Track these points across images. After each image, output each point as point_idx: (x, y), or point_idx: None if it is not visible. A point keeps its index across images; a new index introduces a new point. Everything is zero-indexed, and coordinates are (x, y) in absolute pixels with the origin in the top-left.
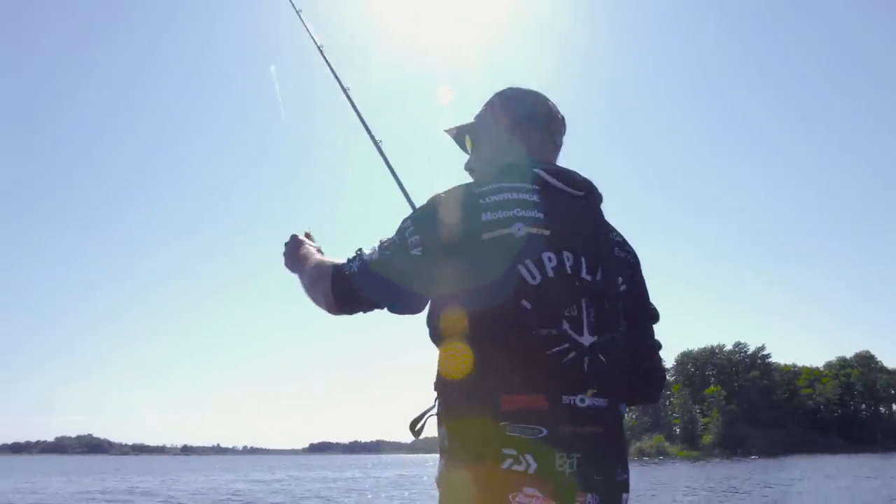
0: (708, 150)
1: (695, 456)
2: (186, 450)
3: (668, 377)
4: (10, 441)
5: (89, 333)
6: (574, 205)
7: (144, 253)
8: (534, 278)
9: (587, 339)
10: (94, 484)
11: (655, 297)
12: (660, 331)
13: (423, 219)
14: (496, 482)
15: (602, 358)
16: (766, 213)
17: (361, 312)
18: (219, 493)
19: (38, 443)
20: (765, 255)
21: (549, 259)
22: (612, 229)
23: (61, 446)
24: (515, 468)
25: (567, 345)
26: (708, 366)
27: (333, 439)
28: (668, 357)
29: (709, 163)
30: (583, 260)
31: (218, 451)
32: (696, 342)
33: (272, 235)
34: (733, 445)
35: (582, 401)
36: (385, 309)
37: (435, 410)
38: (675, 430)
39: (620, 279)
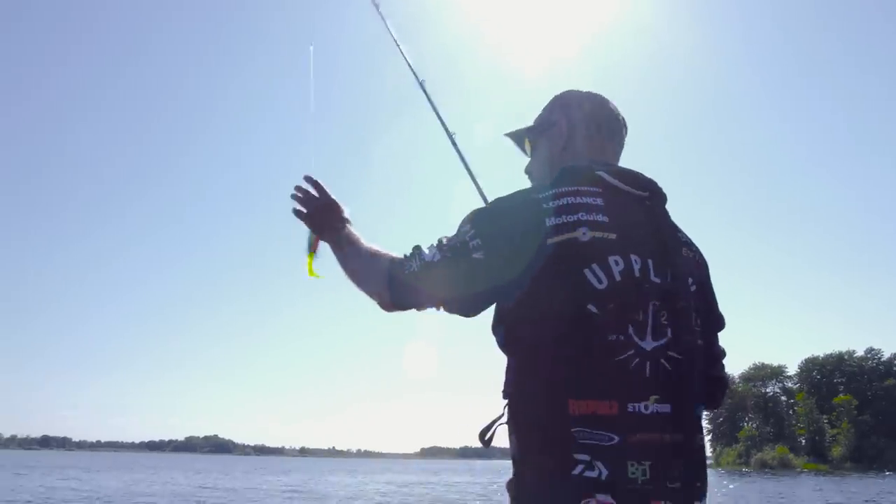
0: (826, 148)
1: (823, 469)
2: (304, 451)
3: (792, 385)
4: (146, 439)
5: (217, 343)
6: (638, 206)
7: (259, 265)
8: (601, 283)
9: (649, 344)
10: (260, 482)
11: (781, 301)
12: (783, 335)
13: (484, 221)
14: (568, 488)
15: (665, 363)
16: None
17: (415, 311)
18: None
19: (170, 441)
20: None
21: (617, 263)
22: (679, 229)
23: (191, 445)
24: (588, 474)
25: (632, 351)
26: (836, 373)
27: (444, 444)
28: (792, 363)
29: (830, 161)
30: (650, 262)
31: (333, 453)
32: (822, 348)
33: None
34: (867, 459)
35: (646, 408)
36: (440, 310)
37: (504, 419)
38: (801, 441)
39: (690, 280)
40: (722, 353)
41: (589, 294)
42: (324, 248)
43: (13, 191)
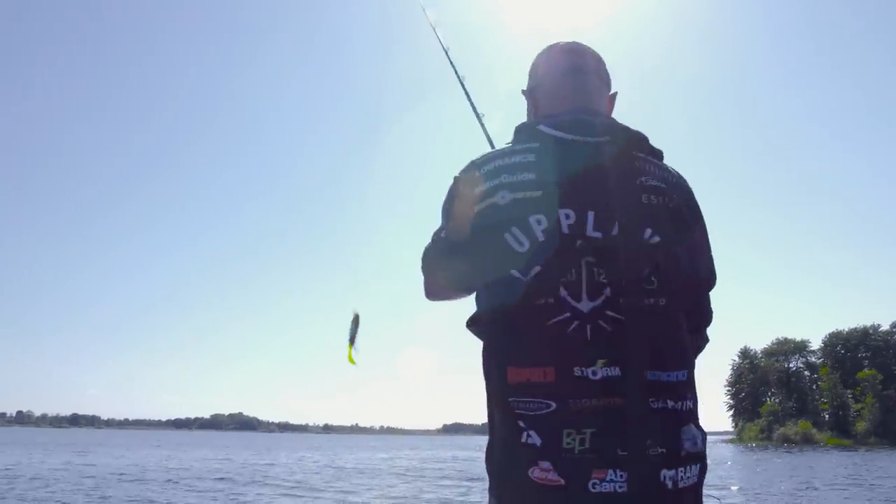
0: (850, 123)
1: (847, 444)
2: (327, 428)
3: (815, 360)
4: (173, 417)
5: (241, 322)
6: (585, 155)
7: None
8: (521, 245)
9: (585, 305)
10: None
11: (805, 276)
12: (806, 309)
13: (446, 198)
14: (517, 455)
15: (604, 324)
16: None
17: (447, 300)
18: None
19: (196, 419)
20: None
21: (539, 222)
22: (645, 173)
23: (216, 423)
24: (530, 442)
25: (568, 314)
26: (860, 348)
27: (467, 420)
28: (816, 338)
29: (855, 135)
30: (590, 215)
31: (356, 430)
32: (847, 322)
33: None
34: (891, 434)
35: (594, 373)
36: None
37: None
38: (824, 417)
39: (649, 230)
40: (705, 317)
41: (511, 258)
42: (360, 338)
43: (42, 164)
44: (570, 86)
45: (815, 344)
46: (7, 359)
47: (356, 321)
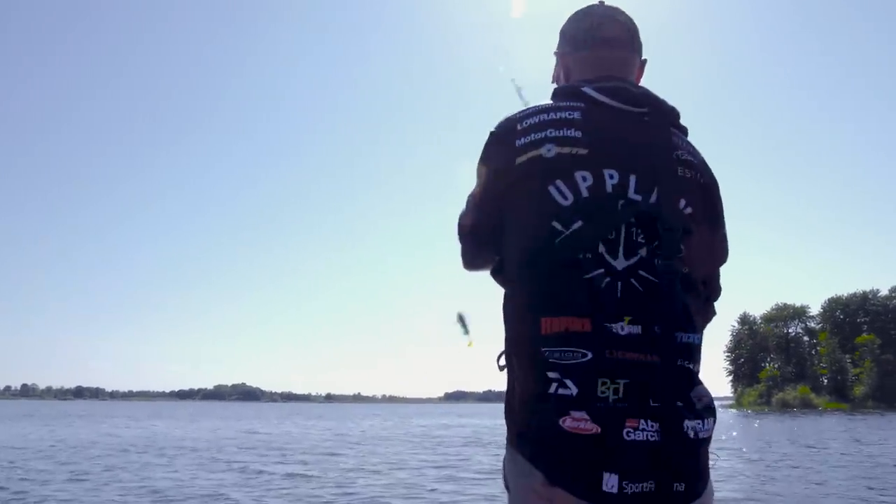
0: (849, 88)
1: (844, 408)
2: (330, 398)
3: (814, 325)
4: (176, 388)
5: (243, 293)
6: (628, 121)
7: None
8: (565, 199)
9: (621, 263)
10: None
11: (803, 241)
12: (806, 275)
13: (483, 153)
14: (546, 408)
15: (635, 283)
16: None
17: (482, 267)
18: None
19: (199, 390)
20: None
21: (584, 178)
22: (680, 147)
23: (219, 393)
24: (561, 392)
25: (602, 269)
26: (859, 312)
27: (468, 388)
28: (815, 304)
29: (854, 100)
30: (632, 178)
31: (359, 399)
32: (846, 287)
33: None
34: (890, 398)
35: (622, 328)
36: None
37: None
38: (823, 381)
39: (683, 201)
40: (715, 290)
41: (553, 210)
42: (472, 319)
43: (42, 143)
44: (609, 55)
45: (815, 309)
46: (11, 332)
47: (461, 318)
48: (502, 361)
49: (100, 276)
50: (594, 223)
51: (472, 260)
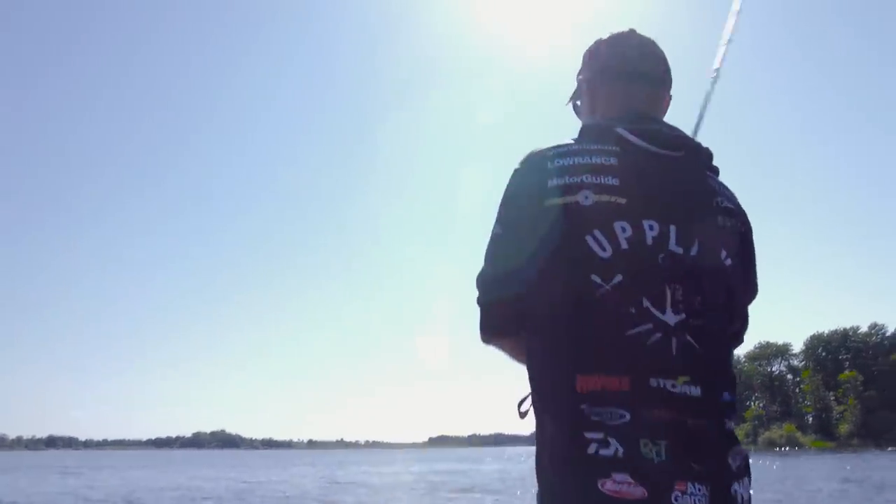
0: (827, 122)
1: (830, 446)
2: (312, 444)
3: (797, 363)
4: (153, 436)
5: (221, 337)
6: (664, 167)
7: (265, 254)
8: (604, 251)
9: (671, 318)
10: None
11: (784, 278)
12: (787, 312)
13: (504, 192)
14: (583, 469)
15: (692, 341)
16: None
17: (509, 331)
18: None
19: (177, 438)
20: None
21: (623, 229)
22: (719, 193)
23: (198, 441)
24: (602, 453)
25: (651, 324)
26: (841, 350)
27: (452, 432)
28: (797, 341)
29: (831, 134)
30: (672, 230)
31: (342, 444)
32: (827, 324)
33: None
34: (874, 435)
35: (673, 386)
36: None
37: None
38: (808, 419)
39: (724, 253)
40: (742, 330)
41: (592, 263)
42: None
43: (14, 187)
44: (642, 92)
45: (797, 347)
46: None
47: None
48: (524, 407)
49: (71, 320)
50: (636, 277)
51: (499, 322)
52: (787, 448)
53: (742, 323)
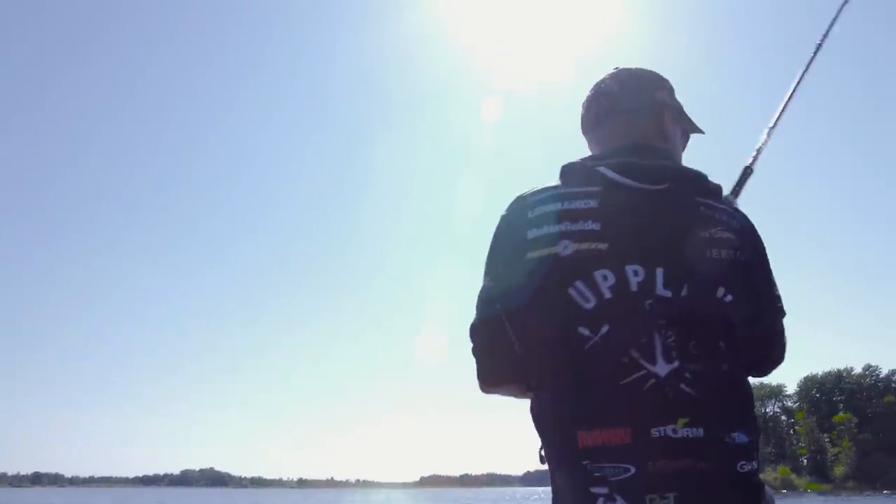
0: (820, 164)
1: (826, 489)
2: (302, 483)
3: (791, 404)
4: (140, 474)
5: (211, 374)
6: (648, 204)
7: (252, 296)
8: (587, 302)
9: (662, 368)
10: None
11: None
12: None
13: (492, 238)
14: None
15: (687, 388)
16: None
17: (507, 378)
18: None
19: (165, 475)
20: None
21: (605, 278)
22: (714, 223)
23: (187, 479)
24: None
25: (643, 372)
26: (835, 391)
27: (444, 472)
28: (791, 382)
29: (824, 175)
30: (659, 273)
31: (332, 484)
32: (821, 366)
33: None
34: (870, 478)
35: (674, 431)
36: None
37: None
38: (802, 462)
39: (722, 289)
40: (763, 358)
41: (577, 315)
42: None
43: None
44: (613, 126)
45: (791, 388)
46: None
47: None
48: (544, 451)
49: (59, 356)
50: (622, 327)
51: (495, 372)
52: (783, 491)
53: (761, 348)
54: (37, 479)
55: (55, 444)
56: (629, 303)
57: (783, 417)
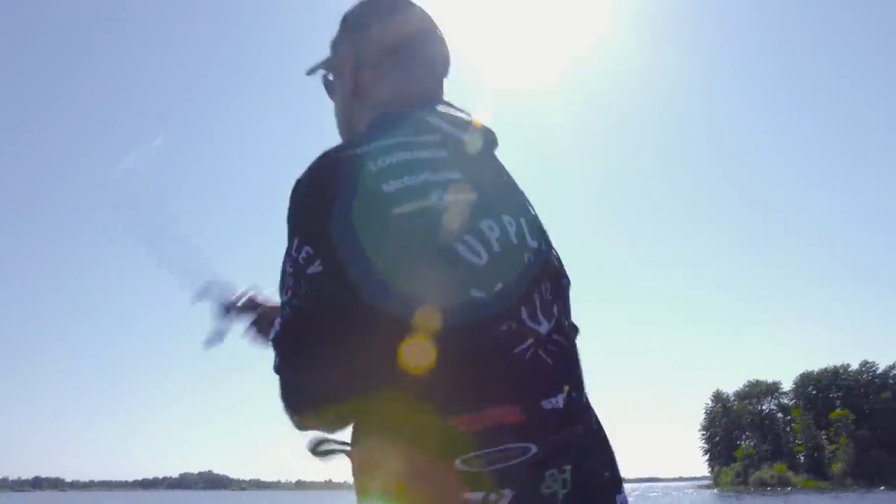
0: (817, 162)
1: (823, 486)
2: (300, 484)
3: (788, 401)
4: (139, 477)
5: (206, 377)
6: (482, 157)
7: None
8: (479, 257)
9: (543, 327)
10: None
11: (773, 316)
12: (776, 350)
13: (300, 217)
14: None
15: (558, 348)
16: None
17: (328, 419)
18: None
19: (164, 479)
20: (889, 266)
21: (491, 228)
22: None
23: (185, 482)
24: None
25: (531, 339)
26: (832, 388)
27: None
28: (787, 379)
29: (821, 174)
30: (523, 223)
31: (330, 485)
32: (817, 362)
33: None
34: (868, 475)
35: (559, 401)
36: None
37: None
38: (800, 459)
39: (551, 240)
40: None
41: (468, 274)
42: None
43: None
44: (432, 75)
45: (787, 385)
46: None
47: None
48: (327, 448)
49: (58, 361)
50: (514, 283)
51: (328, 386)
52: (779, 488)
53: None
54: (37, 484)
55: (55, 449)
56: (514, 256)
57: (779, 415)
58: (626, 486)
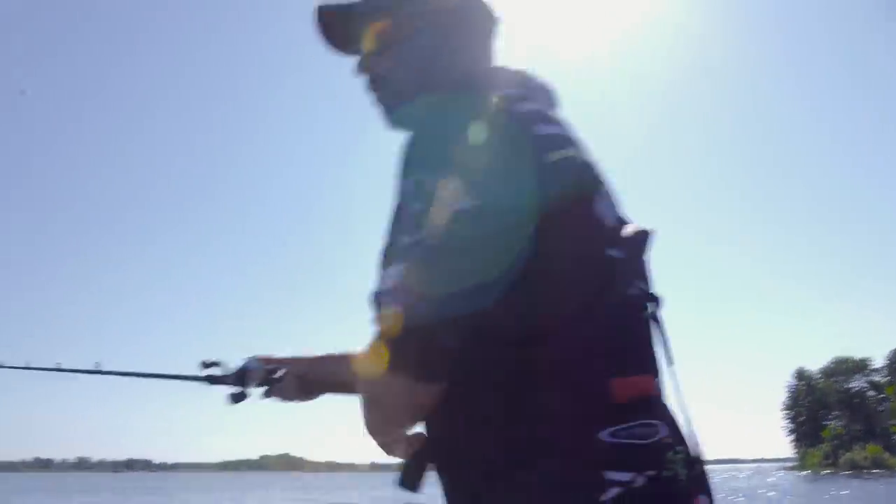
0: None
1: None
2: (374, 466)
3: (880, 378)
4: (221, 460)
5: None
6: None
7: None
8: (608, 218)
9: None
10: None
11: (860, 289)
12: (865, 325)
13: (445, 152)
14: None
15: (658, 318)
16: None
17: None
18: None
19: (245, 461)
20: None
21: (606, 194)
22: None
23: (264, 464)
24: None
25: (651, 308)
26: None
27: None
28: (878, 355)
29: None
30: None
31: None
32: None
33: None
34: None
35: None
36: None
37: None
38: (894, 440)
39: None
40: None
41: (603, 234)
42: None
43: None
44: (493, 32)
45: (879, 361)
46: (64, 407)
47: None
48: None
49: (151, 351)
50: (634, 249)
51: (447, 355)
52: (874, 470)
53: None
54: (130, 465)
55: (143, 433)
56: (623, 223)
57: (871, 393)
58: (710, 469)
